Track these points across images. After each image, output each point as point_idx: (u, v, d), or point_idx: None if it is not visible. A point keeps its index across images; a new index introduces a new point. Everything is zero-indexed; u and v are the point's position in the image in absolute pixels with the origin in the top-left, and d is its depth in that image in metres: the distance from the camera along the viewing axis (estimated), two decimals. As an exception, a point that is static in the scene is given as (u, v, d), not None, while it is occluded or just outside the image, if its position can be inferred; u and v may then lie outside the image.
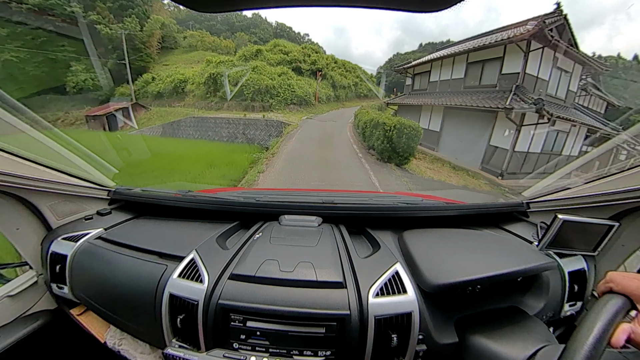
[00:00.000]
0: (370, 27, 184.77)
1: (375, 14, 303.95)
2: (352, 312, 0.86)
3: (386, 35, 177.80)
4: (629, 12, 61.55)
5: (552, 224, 1.06)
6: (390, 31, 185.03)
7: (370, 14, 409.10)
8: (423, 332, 0.87)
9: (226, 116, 17.42)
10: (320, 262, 1.00)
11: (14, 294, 1.16)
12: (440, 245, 1.15)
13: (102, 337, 1.18)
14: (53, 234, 1.26)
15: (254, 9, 0.57)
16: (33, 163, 1.16)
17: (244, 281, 0.94)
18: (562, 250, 1.11)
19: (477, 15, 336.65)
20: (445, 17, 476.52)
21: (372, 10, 0.53)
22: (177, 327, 0.92)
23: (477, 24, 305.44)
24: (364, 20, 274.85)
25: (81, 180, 1.39)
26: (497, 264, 0.95)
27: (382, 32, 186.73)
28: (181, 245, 1.14)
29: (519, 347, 0.78)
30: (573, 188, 1.25)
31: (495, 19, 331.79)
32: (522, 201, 1.48)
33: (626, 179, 1.04)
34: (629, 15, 70.45)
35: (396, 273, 0.99)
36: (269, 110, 18.54)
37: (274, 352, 0.85)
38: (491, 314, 0.97)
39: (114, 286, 1.08)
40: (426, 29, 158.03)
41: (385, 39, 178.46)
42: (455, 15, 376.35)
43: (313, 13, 65.36)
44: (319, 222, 1.35)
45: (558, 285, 1.09)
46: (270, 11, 7.81)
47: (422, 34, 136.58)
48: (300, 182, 6.63)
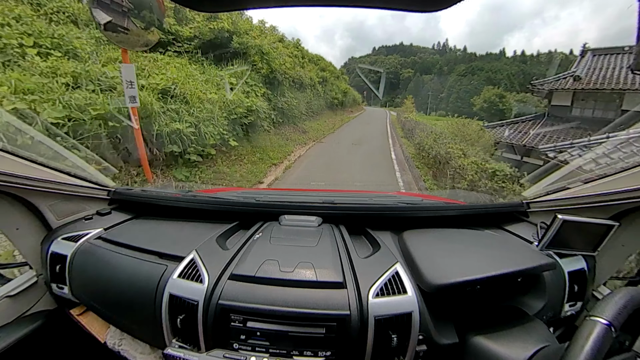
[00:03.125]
0: (321, 36, 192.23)
1: (326, 22, 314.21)
2: (352, 312, 0.86)
3: (338, 42, 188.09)
4: (544, 18, 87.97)
5: (552, 224, 1.06)
6: (341, 39, 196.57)
7: (320, 22, 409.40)
8: (423, 333, 0.87)
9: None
10: (320, 262, 1.00)
11: (14, 294, 1.16)
12: (440, 245, 1.15)
13: (102, 337, 1.18)
14: (53, 234, 1.26)
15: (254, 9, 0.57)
16: (33, 163, 1.16)
17: (244, 281, 0.94)
18: (562, 250, 1.11)
19: (418, 24, 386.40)
20: (391, 24, 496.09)
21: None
22: (177, 327, 0.92)
23: (419, 32, 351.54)
24: (316, 28, 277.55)
25: (81, 180, 1.38)
26: (497, 264, 0.95)
27: (334, 40, 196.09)
28: (181, 245, 1.14)
29: (518, 348, 0.78)
30: (573, 188, 1.25)
31: (435, 26, 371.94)
32: (522, 201, 1.48)
33: (626, 179, 1.04)
34: (543, 20, 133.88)
35: (396, 273, 0.99)
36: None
37: (274, 353, 0.85)
38: (491, 314, 0.97)
39: (114, 286, 1.07)
40: (374, 36, 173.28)
41: (337, 46, 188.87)
42: (399, 23, 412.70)
43: (267, 17, 61.40)
44: (319, 222, 1.35)
45: (558, 285, 1.09)
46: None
47: (372, 40, 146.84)
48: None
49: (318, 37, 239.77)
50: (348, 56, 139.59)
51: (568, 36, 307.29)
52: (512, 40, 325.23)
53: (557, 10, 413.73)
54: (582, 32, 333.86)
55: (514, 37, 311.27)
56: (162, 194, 1.56)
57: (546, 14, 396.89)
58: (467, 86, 67.51)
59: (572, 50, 26.60)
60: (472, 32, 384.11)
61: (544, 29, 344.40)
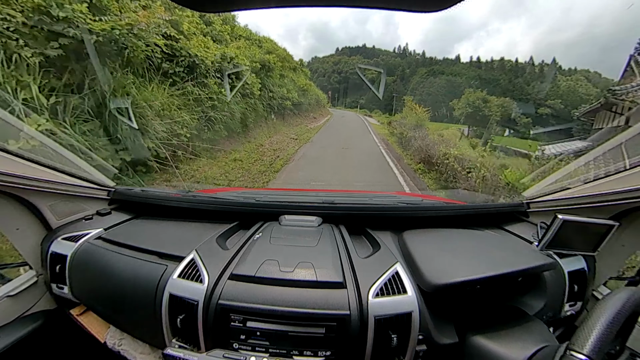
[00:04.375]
0: (285, 35, 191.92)
1: (290, 20, 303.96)
2: (352, 312, 0.86)
3: (302, 43, 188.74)
4: (488, 30, 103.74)
5: (552, 224, 1.06)
6: (305, 39, 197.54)
7: (285, 21, 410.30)
8: (423, 332, 0.87)
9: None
10: (320, 262, 1.00)
11: (14, 294, 1.15)
12: (440, 245, 1.15)
13: (102, 337, 1.18)
14: (53, 234, 1.26)
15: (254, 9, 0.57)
16: (33, 163, 1.16)
17: (244, 281, 0.94)
18: (562, 250, 1.11)
19: (378, 28, 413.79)
20: (354, 27, 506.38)
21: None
22: (177, 327, 0.92)
23: (380, 36, 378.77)
24: (280, 26, 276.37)
25: (81, 180, 1.38)
26: (497, 264, 0.95)
27: (298, 39, 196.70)
28: (181, 245, 1.14)
29: (518, 347, 0.78)
30: (573, 188, 1.25)
31: (394, 32, 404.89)
32: (522, 201, 1.48)
33: (626, 179, 1.04)
34: (487, 32, 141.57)
35: (396, 273, 0.99)
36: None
37: (274, 353, 0.85)
38: (491, 314, 0.97)
39: (114, 286, 1.07)
40: (338, 38, 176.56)
41: (301, 46, 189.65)
42: (361, 26, 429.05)
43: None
44: (319, 222, 1.35)
45: (558, 285, 1.09)
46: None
47: (335, 42, 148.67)
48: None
49: (282, 36, 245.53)
50: (312, 57, 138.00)
51: (507, 47, 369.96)
52: (461, 49, 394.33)
53: (499, 24, 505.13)
54: (519, 44, 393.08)
55: (462, 46, 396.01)
56: (162, 194, 1.56)
57: (490, 27, 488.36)
58: (429, 89, 67.42)
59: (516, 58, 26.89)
60: (426, 39, 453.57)
61: (488, 40, 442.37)
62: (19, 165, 1.10)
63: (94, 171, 1.49)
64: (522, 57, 71.06)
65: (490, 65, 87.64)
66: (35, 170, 1.16)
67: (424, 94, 67.08)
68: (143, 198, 1.53)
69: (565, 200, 1.27)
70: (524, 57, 61.36)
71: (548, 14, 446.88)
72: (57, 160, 1.29)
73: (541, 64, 78.14)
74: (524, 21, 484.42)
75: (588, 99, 42.16)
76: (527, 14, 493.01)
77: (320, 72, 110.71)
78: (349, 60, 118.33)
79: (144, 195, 1.54)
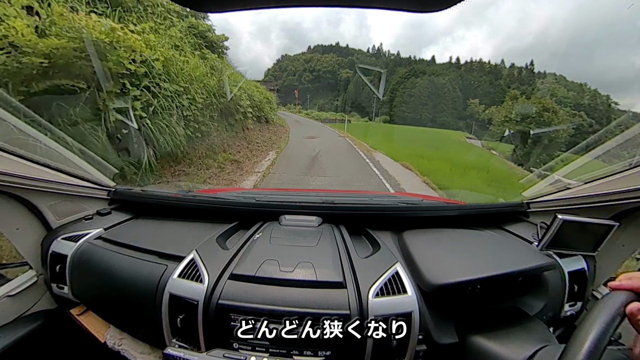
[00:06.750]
0: (257, 33, 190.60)
1: (262, 18, 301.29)
2: (352, 312, 0.86)
3: (274, 42, 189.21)
4: (454, 36, 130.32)
5: (552, 224, 1.06)
6: (278, 39, 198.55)
7: (256, 18, 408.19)
8: (423, 332, 0.87)
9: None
10: (320, 262, 1.00)
11: (14, 294, 1.16)
12: (440, 245, 1.15)
13: (102, 337, 1.18)
14: (53, 234, 1.26)
15: (254, 9, 0.57)
16: (33, 163, 1.16)
17: (244, 281, 0.94)
18: (562, 250, 1.11)
19: (351, 30, 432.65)
20: (327, 28, 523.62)
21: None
22: (177, 327, 0.92)
23: (353, 38, 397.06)
24: (251, 24, 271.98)
25: (81, 180, 1.38)
26: (497, 264, 0.95)
27: (270, 38, 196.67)
28: (181, 245, 1.14)
29: (518, 348, 0.78)
30: (573, 188, 1.25)
31: (366, 35, 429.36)
32: (522, 201, 1.48)
33: (626, 179, 1.04)
34: (453, 39, 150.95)
35: (396, 273, 0.99)
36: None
37: (274, 352, 0.85)
38: (491, 314, 0.97)
39: (114, 286, 1.07)
40: (310, 38, 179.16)
41: (274, 45, 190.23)
42: (334, 28, 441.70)
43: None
44: (319, 222, 1.35)
45: (558, 286, 1.09)
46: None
47: (308, 42, 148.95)
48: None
49: (253, 34, 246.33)
50: (282, 55, 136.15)
51: (470, 52, 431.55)
52: (428, 53, 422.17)
53: (464, 31, 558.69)
54: (481, 49, 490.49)
55: (429, 50, 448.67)
56: (162, 194, 1.56)
57: (455, 33, 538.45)
58: (411, 90, 65.42)
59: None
60: (396, 43, 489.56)
61: (453, 45, 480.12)
62: (19, 165, 1.10)
63: (94, 171, 1.49)
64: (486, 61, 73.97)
65: (469, 66, 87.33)
66: (36, 170, 1.16)
67: (405, 95, 65.76)
68: (143, 198, 1.53)
69: (565, 200, 1.27)
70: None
71: (505, 23, 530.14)
72: (57, 160, 1.29)
73: (513, 65, 78.74)
74: (485, 29, 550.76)
75: (567, 101, 42.07)
76: (488, 23, 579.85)
77: (290, 71, 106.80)
78: (322, 58, 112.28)
79: (144, 195, 1.54)
